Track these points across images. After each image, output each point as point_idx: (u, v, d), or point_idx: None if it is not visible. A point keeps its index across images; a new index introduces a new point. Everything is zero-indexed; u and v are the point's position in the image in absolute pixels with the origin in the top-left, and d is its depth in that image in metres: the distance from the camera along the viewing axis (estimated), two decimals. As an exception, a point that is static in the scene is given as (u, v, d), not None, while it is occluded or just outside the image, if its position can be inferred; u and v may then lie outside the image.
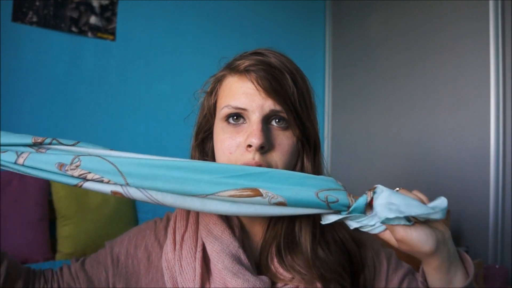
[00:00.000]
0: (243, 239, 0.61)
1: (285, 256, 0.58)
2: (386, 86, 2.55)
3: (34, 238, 1.64)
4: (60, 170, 0.50)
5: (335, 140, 2.92)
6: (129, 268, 0.63)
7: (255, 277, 0.55)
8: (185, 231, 0.62)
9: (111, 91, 2.16)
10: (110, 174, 0.49)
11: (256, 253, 0.63)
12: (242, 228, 0.63)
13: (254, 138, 0.54)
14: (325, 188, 0.49)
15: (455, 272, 0.52)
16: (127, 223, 1.87)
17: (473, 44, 2.08)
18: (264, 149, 0.55)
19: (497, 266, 1.61)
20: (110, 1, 2.14)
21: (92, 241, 1.73)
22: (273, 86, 0.55)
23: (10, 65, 1.85)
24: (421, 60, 2.34)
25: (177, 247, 0.60)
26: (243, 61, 0.57)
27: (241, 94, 0.56)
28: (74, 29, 2.04)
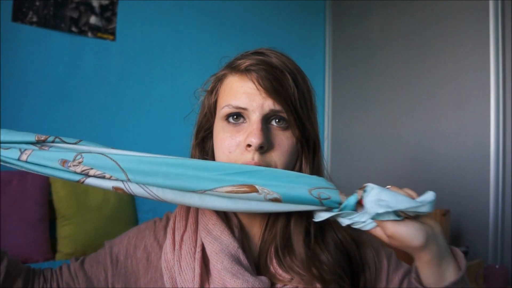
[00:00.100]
0: (242, 240, 0.61)
1: (284, 257, 0.58)
2: (386, 86, 2.55)
3: (34, 238, 1.64)
4: (63, 166, 0.51)
5: (335, 140, 2.92)
6: (128, 268, 0.63)
7: (255, 278, 0.55)
8: (184, 231, 0.62)
9: (111, 91, 2.16)
10: (111, 170, 0.50)
11: (255, 254, 0.63)
12: (242, 228, 0.63)
13: (254, 137, 0.54)
14: (317, 186, 0.51)
15: (447, 266, 0.52)
16: (127, 223, 1.87)
17: (473, 45, 2.08)
18: (263, 149, 0.55)
19: (497, 266, 1.60)
20: (110, 1, 2.14)
21: (92, 241, 1.73)
22: (274, 86, 0.55)
23: (10, 65, 1.85)
24: (421, 60, 2.34)
25: (177, 247, 0.60)
26: (244, 61, 0.57)
27: (242, 94, 0.56)
28: (74, 29, 2.04)
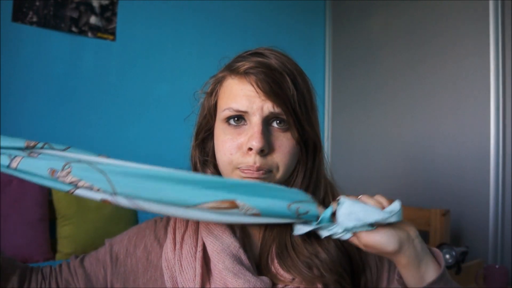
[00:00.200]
0: (243, 239, 0.61)
1: (285, 257, 0.58)
2: (386, 86, 2.55)
3: (34, 238, 1.64)
4: (52, 176, 0.52)
5: (335, 140, 2.92)
6: (127, 267, 0.63)
7: (256, 278, 0.55)
8: (185, 231, 0.62)
9: (111, 91, 2.16)
10: (99, 183, 0.51)
11: (256, 254, 0.63)
12: (243, 228, 0.63)
13: (255, 141, 0.54)
14: (296, 200, 0.53)
15: (426, 267, 0.53)
16: (127, 223, 1.87)
17: (473, 45, 2.08)
18: (264, 152, 0.56)
19: (497, 266, 1.60)
20: (110, 1, 2.14)
21: (92, 241, 1.73)
22: (273, 88, 0.55)
23: (10, 65, 1.85)
24: (421, 60, 2.34)
25: (177, 246, 0.60)
26: (243, 63, 0.57)
27: (242, 97, 0.57)
28: (74, 29, 2.04)
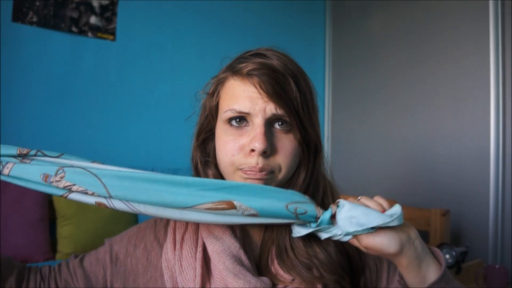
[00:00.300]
0: (243, 240, 0.61)
1: (284, 258, 0.58)
2: (386, 86, 2.55)
3: (34, 238, 1.64)
4: (45, 181, 0.52)
5: (335, 140, 2.92)
6: (127, 267, 0.63)
7: (256, 278, 0.55)
8: (185, 231, 0.62)
9: (111, 91, 2.16)
10: (93, 187, 0.51)
11: (256, 254, 0.62)
12: (243, 229, 0.63)
13: (257, 142, 0.54)
14: (294, 201, 0.52)
15: (427, 268, 0.53)
16: (127, 223, 1.87)
17: (473, 45, 2.08)
18: (267, 153, 0.55)
19: (497, 266, 1.60)
20: (110, 1, 2.14)
21: (92, 241, 1.73)
22: (276, 90, 0.55)
23: (10, 65, 1.85)
24: (421, 60, 2.34)
25: (177, 246, 0.60)
26: (246, 64, 0.57)
27: (244, 98, 0.56)
28: (74, 29, 2.04)
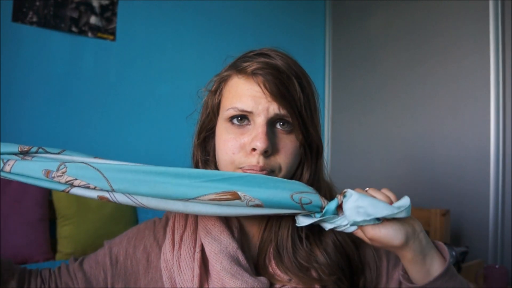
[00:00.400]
0: (241, 240, 0.61)
1: (282, 258, 0.58)
2: (386, 86, 2.55)
3: (34, 238, 1.64)
4: (47, 177, 0.51)
5: (335, 141, 2.92)
6: (127, 269, 0.63)
7: (254, 278, 0.55)
8: (184, 232, 0.62)
9: (111, 91, 2.16)
10: (95, 181, 0.51)
11: (254, 254, 0.63)
12: (241, 229, 0.63)
13: (259, 142, 0.54)
14: (298, 191, 0.52)
15: (431, 262, 0.53)
16: (127, 223, 1.87)
17: (473, 45, 2.08)
18: (268, 153, 0.55)
19: (497, 266, 1.60)
20: (110, 1, 2.14)
21: (92, 241, 1.73)
22: (280, 90, 0.55)
23: (10, 65, 1.85)
24: (421, 60, 2.34)
25: (176, 247, 0.60)
26: (250, 63, 0.57)
27: (248, 97, 0.56)
28: (74, 29, 2.04)
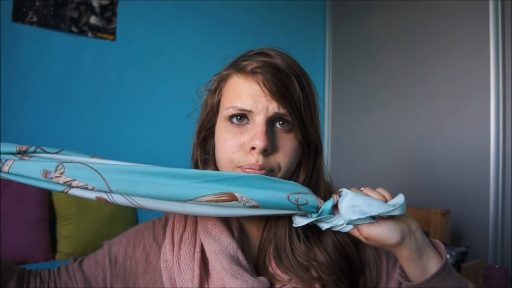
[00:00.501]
0: (241, 240, 0.61)
1: (282, 258, 0.58)
2: (386, 86, 2.55)
3: (34, 238, 1.64)
4: (45, 177, 0.51)
5: (335, 140, 2.92)
6: (127, 269, 0.63)
7: (254, 278, 0.56)
8: (183, 232, 0.62)
9: (111, 91, 2.16)
10: (94, 181, 0.51)
11: (254, 254, 0.63)
12: (241, 229, 0.63)
13: (258, 140, 0.54)
14: (295, 191, 0.52)
15: (428, 260, 0.53)
16: (127, 223, 1.87)
17: (473, 45, 2.08)
18: (267, 152, 0.55)
19: (497, 266, 1.60)
20: (110, 1, 2.14)
21: (92, 241, 1.73)
22: (280, 89, 0.55)
23: (10, 65, 1.85)
24: (421, 60, 2.34)
25: (176, 247, 0.60)
26: (250, 62, 0.57)
27: (247, 95, 0.56)
28: (74, 29, 2.04)
